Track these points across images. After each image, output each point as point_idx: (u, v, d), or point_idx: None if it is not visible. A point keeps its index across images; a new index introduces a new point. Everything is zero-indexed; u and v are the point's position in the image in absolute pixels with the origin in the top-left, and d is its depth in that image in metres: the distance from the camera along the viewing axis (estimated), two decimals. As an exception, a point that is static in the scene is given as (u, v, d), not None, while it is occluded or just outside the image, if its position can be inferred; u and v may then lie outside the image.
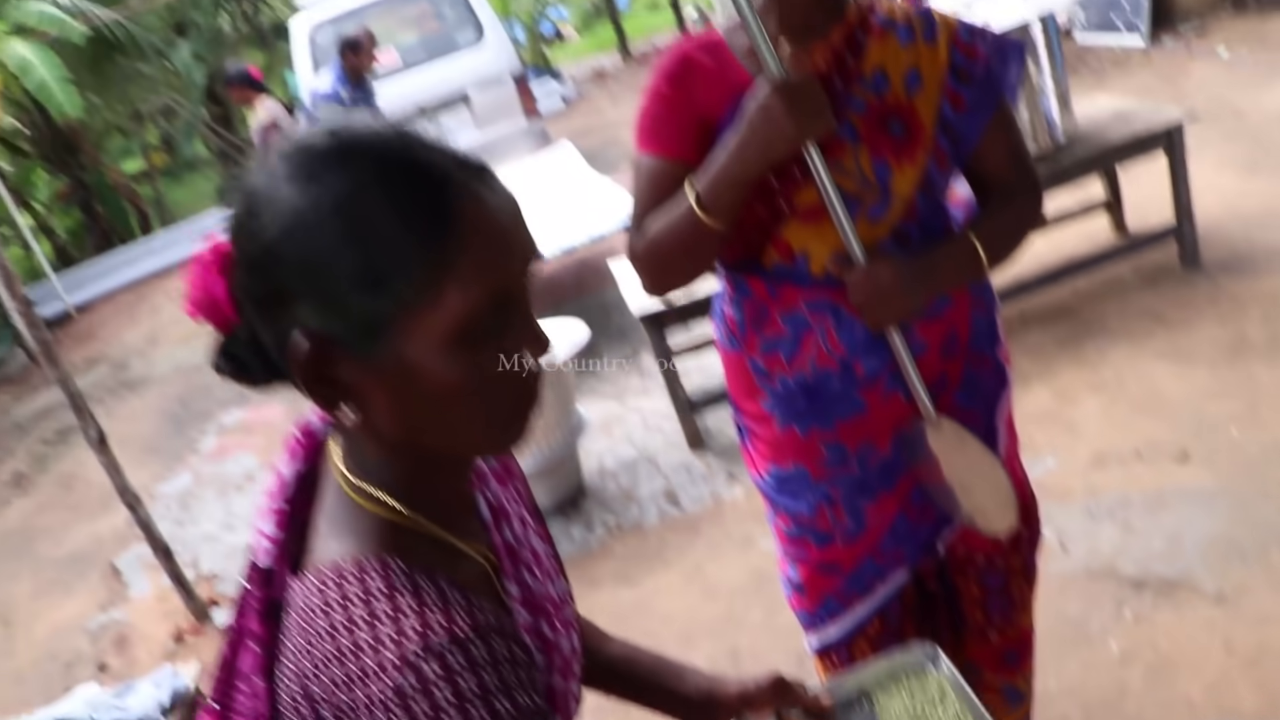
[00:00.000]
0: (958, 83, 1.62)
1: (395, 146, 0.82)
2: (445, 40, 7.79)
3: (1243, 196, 4.64)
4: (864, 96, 1.59)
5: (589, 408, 4.48)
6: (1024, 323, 4.14)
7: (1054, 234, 4.55)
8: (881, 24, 1.62)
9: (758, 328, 1.70)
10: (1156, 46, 6.98)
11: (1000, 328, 1.81)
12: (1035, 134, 3.86)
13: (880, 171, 1.59)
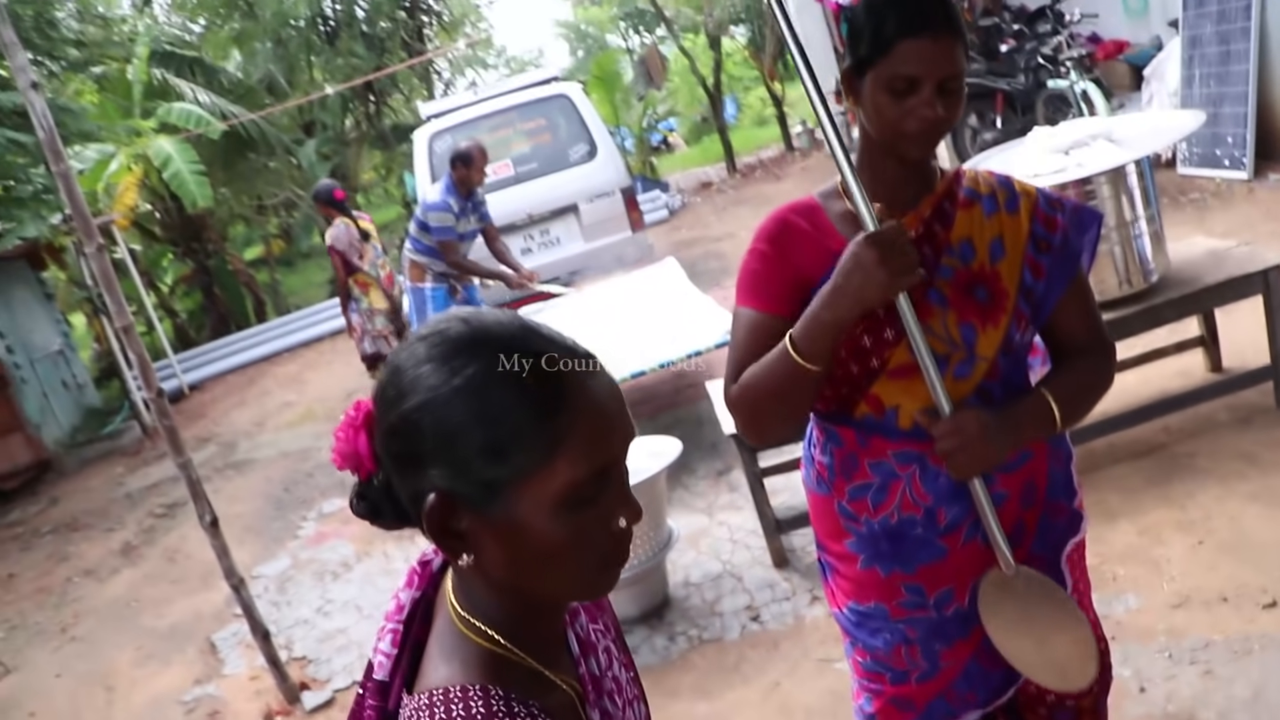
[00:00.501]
0: (1038, 252, 1.75)
1: (518, 338, 0.99)
2: (559, 155, 8.09)
3: (1342, 339, 4.61)
4: (951, 264, 1.73)
5: (678, 520, 4.58)
6: (1114, 458, 4.13)
7: (1147, 370, 4.57)
8: (967, 195, 1.77)
9: (847, 474, 1.81)
10: (1260, 180, 6.97)
11: (1075, 478, 1.91)
12: (1129, 272, 3.92)
13: (966, 334, 1.72)
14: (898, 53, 1.62)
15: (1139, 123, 4.29)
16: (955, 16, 1.65)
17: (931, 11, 1.63)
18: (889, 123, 1.66)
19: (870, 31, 1.65)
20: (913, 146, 1.68)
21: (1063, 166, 3.79)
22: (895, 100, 1.64)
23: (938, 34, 1.61)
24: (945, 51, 1.62)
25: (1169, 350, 4.58)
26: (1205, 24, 7.38)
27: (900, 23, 1.61)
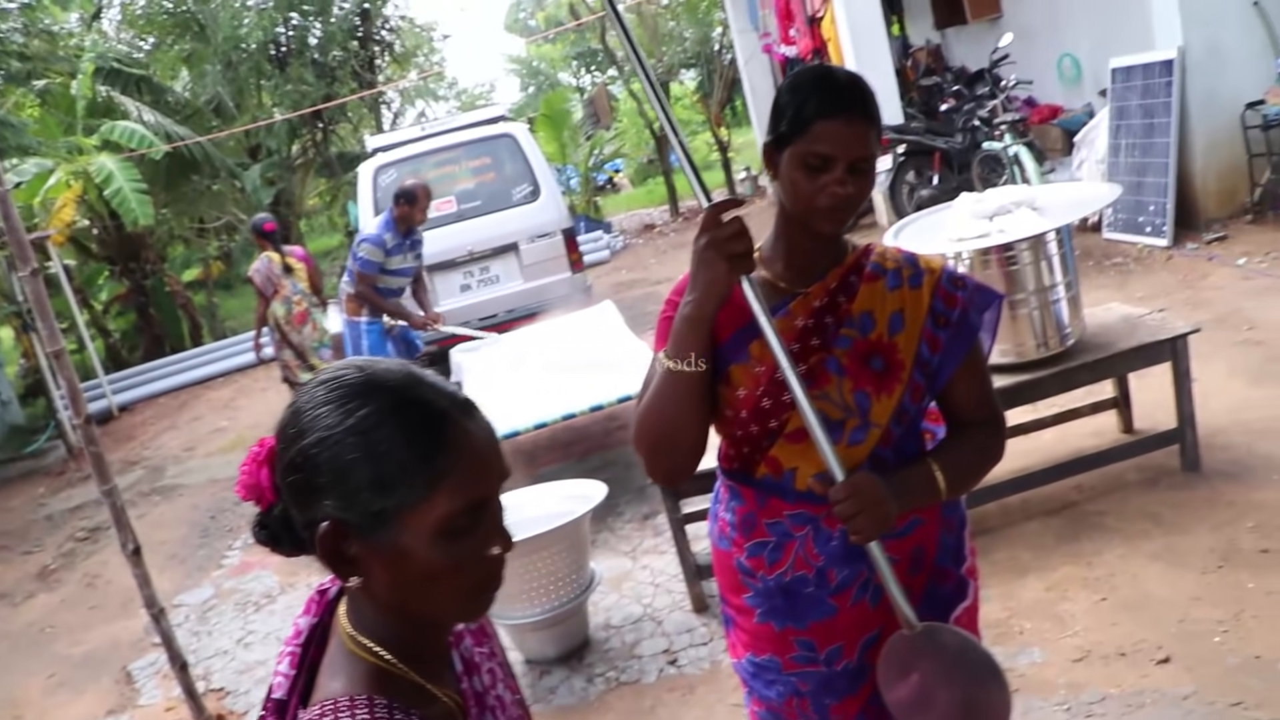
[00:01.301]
0: (936, 326, 1.84)
1: (407, 385, 1.12)
2: (502, 193, 8.19)
3: (1248, 405, 4.79)
4: (851, 335, 1.82)
5: (602, 562, 4.64)
6: (1028, 514, 4.26)
7: (1064, 429, 4.71)
8: (873, 269, 1.86)
9: (746, 532, 1.90)
10: (1179, 248, 7.22)
11: (967, 545, 1.99)
12: (1046, 336, 4.06)
13: (861, 401, 1.80)
14: (814, 132, 1.71)
15: (1061, 192, 4.47)
16: (870, 104, 1.76)
17: (848, 97, 1.73)
18: (802, 197, 1.75)
19: (791, 111, 1.75)
20: (824, 221, 1.77)
21: (987, 232, 3.93)
22: (809, 177, 1.73)
23: (852, 118, 1.72)
24: (858, 134, 1.72)
25: (1085, 410, 4.73)
26: (1131, 96, 7.66)
27: (819, 104, 1.72)
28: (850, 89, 1.74)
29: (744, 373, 1.83)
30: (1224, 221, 7.37)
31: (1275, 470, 4.19)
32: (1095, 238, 7.95)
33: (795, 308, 1.83)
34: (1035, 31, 10.54)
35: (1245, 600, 3.45)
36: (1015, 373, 4.05)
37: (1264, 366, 5.17)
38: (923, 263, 1.90)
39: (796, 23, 12.39)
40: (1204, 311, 6.03)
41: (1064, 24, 10.26)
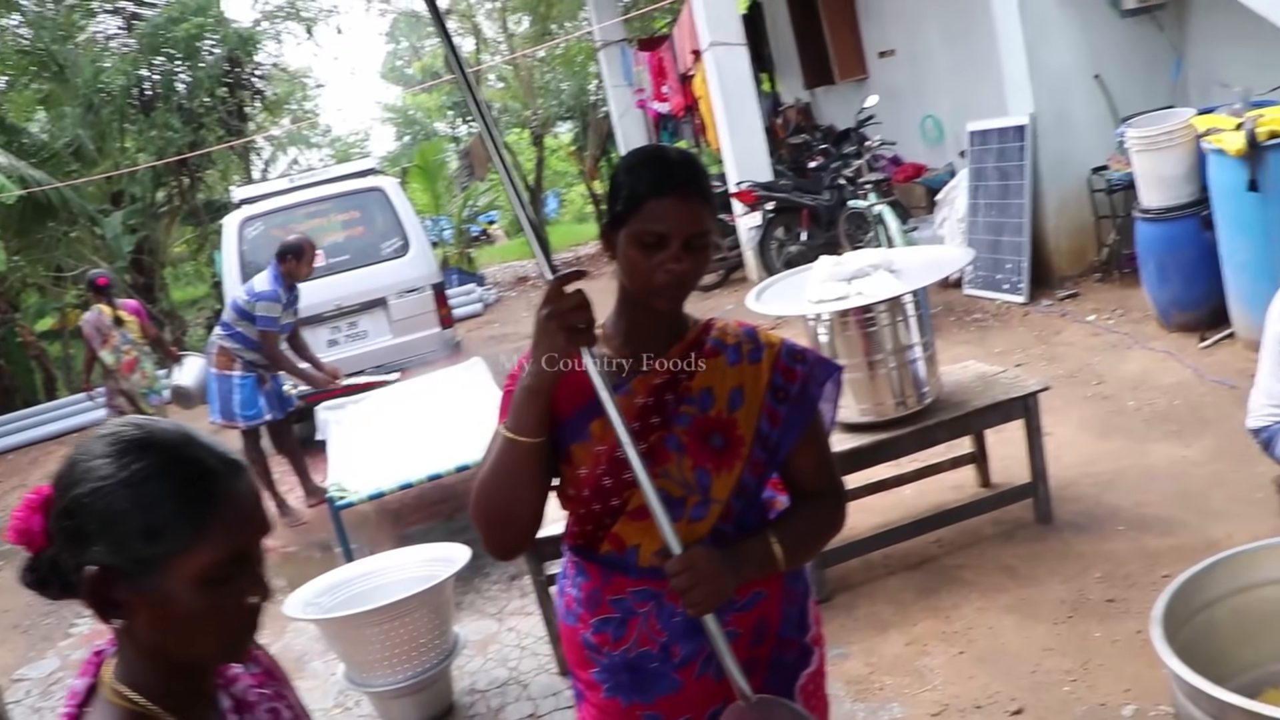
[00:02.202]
0: (776, 400, 1.87)
1: (179, 444, 1.20)
2: (371, 247, 8.12)
3: (1097, 458, 4.99)
4: (690, 412, 1.83)
5: (468, 625, 4.59)
6: (889, 570, 4.34)
7: (925, 484, 4.83)
8: (713, 345, 1.89)
9: (591, 608, 1.90)
10: (1034, 305, 7.51)
11: (811, 614, 2.02)
12: (904, 394, 4.17)
13: (701, 478, 1.82)
14: (647, 211, 1.74)
15: (917, 255, 4.61)
16: (702, 181, 1.79)
17: (680, 175, 1.76)
18: (640, 275, 1.77)
19: (625, 191, 1.77)
20: (662, 299, 1.79)
21: (845, 294, 4.03)
22: (645, 255, 1.75)
23: (684, 195, 1.75)
24: (691, 211, 1.75)
25: (945, 466, 4.86)
26: (988, 158, 7.97)
27: (651, 183, 1.74)
28: (682, 167, 1.78)
29: (585, 452, 1.83)
30: (1075, 279, 7.71)
31: (1120, 521, 4.36)
32: (957, 294, 8.22)
33: (636, 385, 1.84)
34: (900, 93, 10.90)
35: (1092, 649, 3.57)
36: (875, 431, 4.15)
37: (1110, 420, 5.39)
38: (763, 337, 1.93)
39: (669, 80, 12.62)
40: (1057, 366, 6.28)
41: (926, 87, 10.64)
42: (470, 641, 4.47)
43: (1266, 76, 6.47)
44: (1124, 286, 7.29)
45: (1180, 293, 6.31)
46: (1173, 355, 6.04)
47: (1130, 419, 5.36)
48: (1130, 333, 6.56)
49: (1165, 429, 5.16)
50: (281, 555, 6.27)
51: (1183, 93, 7.70)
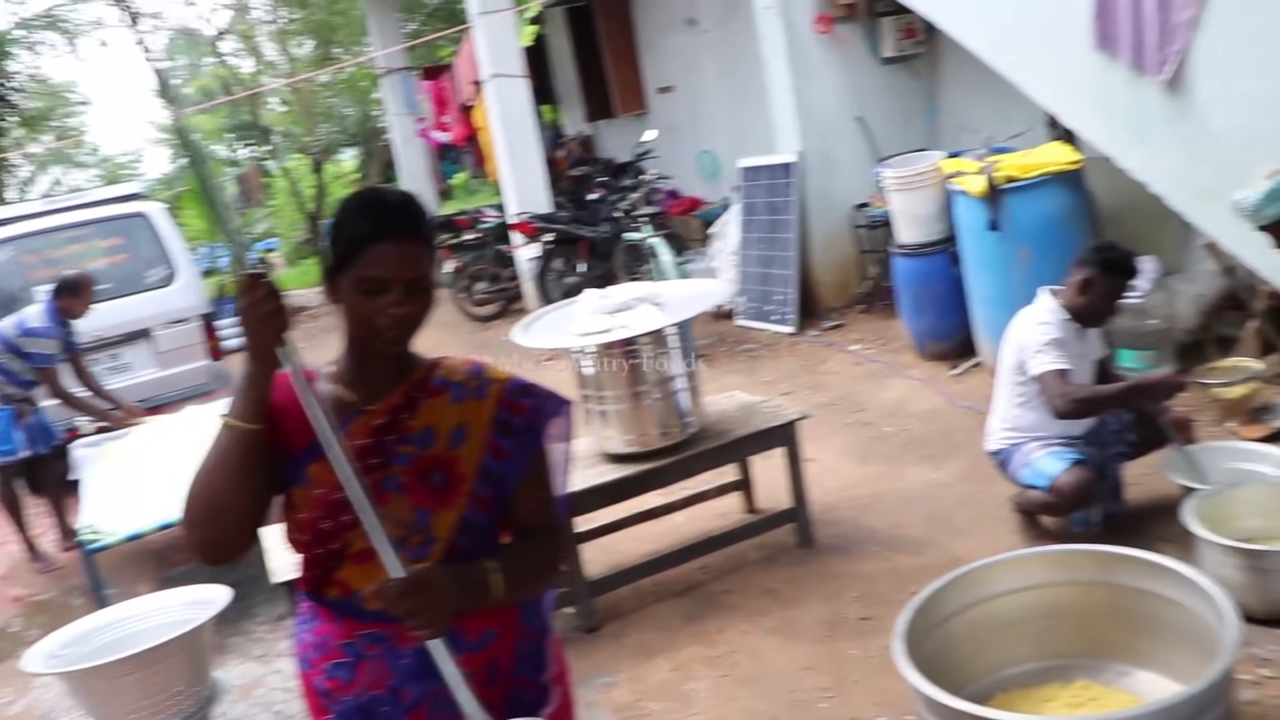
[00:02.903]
0: (500, 435, 1.89)
1: None
2: (134, 276, 7.71)
3: (856, 482, 5.23)
4: (409, 451, 1.84)
5: (232, 670, 4.43)
6: (658, 597, 4.43)
7: (694, 511, 4.96)
8: (438, 384, 1.91)
9: (323, 653, 1.88)
10: (802, 335, 7.83)
11: (551, 653, 2.04)
12: (668, 425, 4.28)
13: (421, 517, 1.83)
14: (367, 256, 1.74)
15: (680, 288, 4.75)
16: (422, 223, 1.81)
17: (399, 219, 1.77)
18: (363, 320, 1.78)
19: (345, 236, 1.78)
20: (385, 342, 1.80)
21: (609, 327, 4.11)
22: (367, 300, 1.75)
23: (404, 240, 1.76)
24: (411, 255, 1.76)
25: (712, 493, 4.99)
26: (758, 194, 8.29)
27: (370, 229, 1.75)
28: (400, 210, 1.79)
29: (304, 496, 1.82)
30: (841, 311, 8.09)
31: (876, 543, 4.59)
32: (729, 325, 8.49)
33: (355, 427, 1.83)
34: (679, 128, 11.20)
35: (848, 667, 3.74)
36: (640, 461, 4.24)
37: (870, 446, 5.67)
38: (489, 373, 1.95)
39: (450, 109, 12.58)
40: (822, 394, 6.55)
41: (703, 123, 10.98)
42: (234, 686, 4.32)
43: (1007, 125, 6.97)
44: (885, 318, 7.69)
45: (934, 324, 6.70)
46: (927, 383, 6.41)
47: (888, 444, 5.66)
48: (890, 362, 6.92)
49: (920, 453, 5.46)
50: (34, 604, 5.90)
51: (936, 137, 8.21)
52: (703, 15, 10.36)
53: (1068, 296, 4.17)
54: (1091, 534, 4.11)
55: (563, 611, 4.27)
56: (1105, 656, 3.33)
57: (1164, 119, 5.03)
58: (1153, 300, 5.68)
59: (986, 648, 3.35)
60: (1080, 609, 3.28)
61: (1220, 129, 4.78)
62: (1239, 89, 4.67)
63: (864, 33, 7.97)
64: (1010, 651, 3.35)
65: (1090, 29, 5.19)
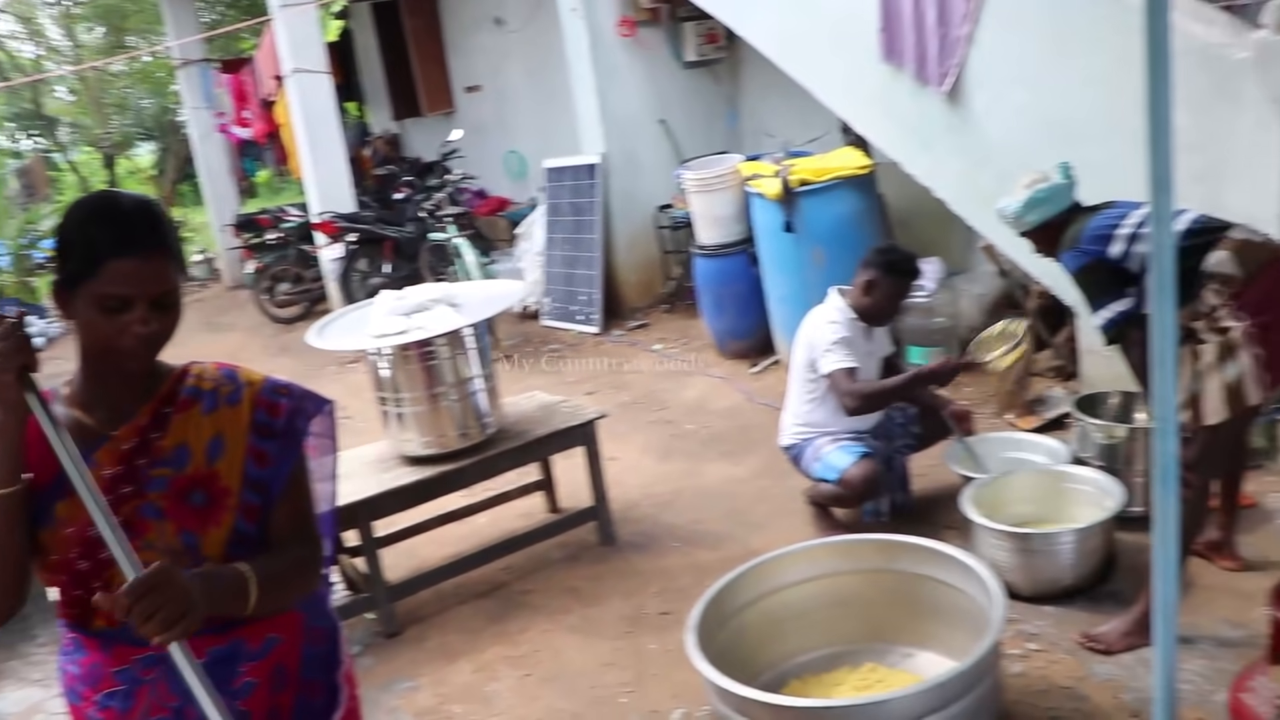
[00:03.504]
0: (261, 438, 1.79)
1: None
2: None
3: (657, 480, 5.32)
4: (164, 474, 1.72)
5: (9, 695, 4.21)
6: (460, 599, 4.40)
7: (498, 511, 4.94)
8: (188, 395, 1.79)
9: (94, 683, 1.76)
10: (607, 335, 7.91)
11: (342, 650, 1.98)
12: (467, 426, 4.25)
13: (188, 540, 1.72)
14: (108, 273, 1.60)
15: (477, 289, 4.73)
16: (165, 233, 1.67)
17: (141, 232, 1.64)
18: (104, 339, 1.65)
19: (79, 249, 1.63)
20: (129, 360, 1.68)
21: (405, 329, 4.06)
22: (107, 317, 1.62)
23: (147, 254, 1.63)
24: (156, 271, 1.64)
25: (514, 494, 4.99)
26: (563, 194, 8.32)
27: (109, 243, 1.61)
28: (142, 222, 1.65)
29: (54, 538, 1.69)
30: (645, 310, 8.20)
31: (675, 539, 4.67)
32: (536, 325, 8.49)
33: (102, 456, 1.70)
34: (487, 127, 11.12)
35: (647, 661, 3.80)
36: (439, 463, 4.20)
37: (671, 443, 5.77)
38: (243, 376, 1.86)
39: (251, 105, 12.17)
40: (626, 393, 6.63)
41: (510, 123, 10.94)
42: (10, 714, 4.08)
43: (805, 129, 7.20)
44: (687, 317, 7.83)
45: (734, 323, 6.87)
46: (727, 381, 6.56)
47: (689, 442, 5.76)
48: (691, 361, 7.06)
49: (719, 450, 5.58)
50: None
51: (737, 140, 8.42)
52: (510, 15, 10.33)
53: (854, 297, 4.33)
54: (881, 523, 4.29)
55: (364, 617, 4.21)
56: (891, 640, 3.50)
57: (946, 128, 5.30)
58: (938, 299, 5.96)
59: (779, 637, 3.47)
60: (867, 596, 3.43)
61: (996, 139, 5.08)
62: (1012, 101, 4.97)
63: (667, 37, 8.10)
64: (802, 639, 3.48)
65: (877, 41, 5.43)
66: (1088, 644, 3.46)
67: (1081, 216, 3.57)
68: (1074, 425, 4.45)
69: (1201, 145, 4.27)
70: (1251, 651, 2.46)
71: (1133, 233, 3.37)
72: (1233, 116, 4.19)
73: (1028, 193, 3.63)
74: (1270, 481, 4.35)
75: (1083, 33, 4.56)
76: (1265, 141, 4.13)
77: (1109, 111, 4.47)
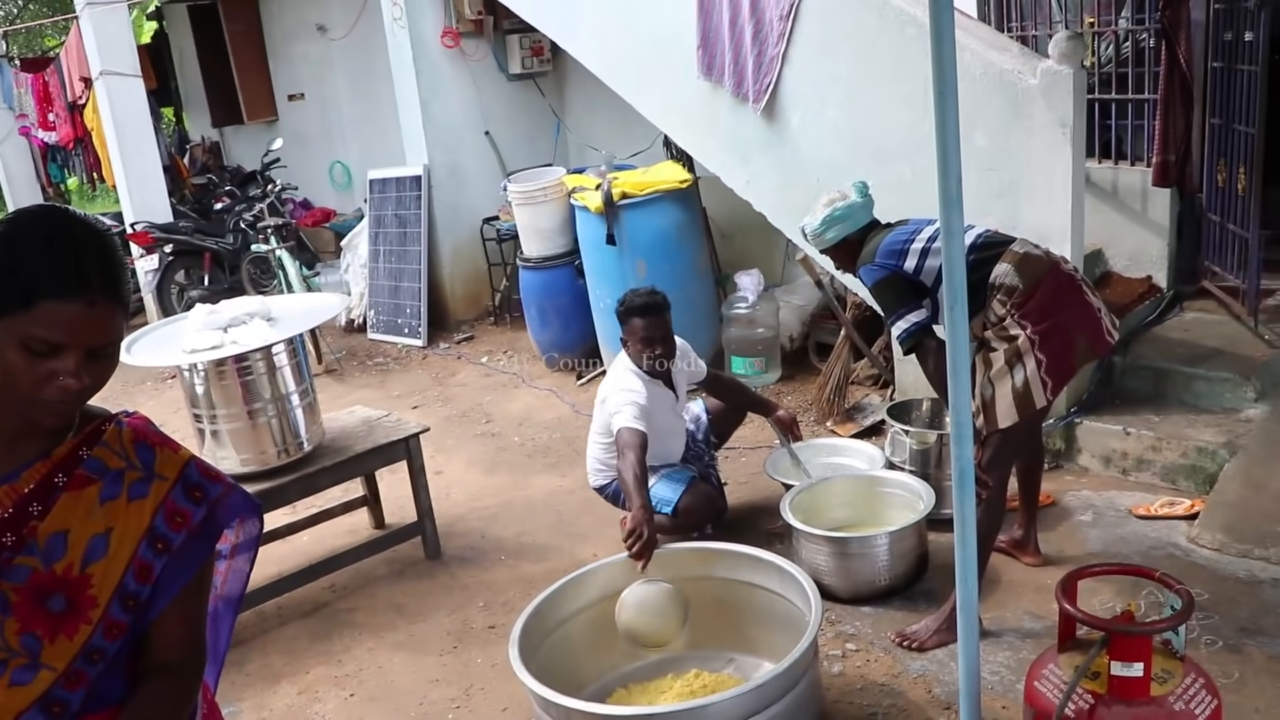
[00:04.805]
0: (152, 553, 1.55)
1: None
2: None
3: (483, 493, 5.30)
4: (30, 564, 1.48)
5: None
6: (282, 620, 4.30)
7: (322, 529, 4.85)
8: (90, 470, 1.54)
9: None
10: (433, 348, 7.84)
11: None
12: (285, 442, 4.16)
13: (28, 643, 1.49)
14: (42, 313, 1.38)
15: (295, 303, 4.64)
16: (119, 276, 1.46)
17: (90, 274, 1.41)
18: (21, 386, 1.42)
19: (11, 278, 1.39)
20: (47, 415, 1.46)
21: (220, 343, 3.95)
22: (31, 360, 1.40)
23: (93, 301, 1.41)
24: (100, 320, 1.42)
25: (338, 510, 4.90)
26: (387, 206, 8.21)
27: (50, 281, 1.38)
28: (94, 261, 1.42)
29: None
30: (471, 323, 8.16)
31: (503, 551, 4.67)
32: (362, 338, 8.35)
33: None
34: (310, 137, 10.90)
35: (475, 675, 3.79)
36: (258, 480, 4.08)
37: (497, 456, 5.75)
38: (159, 463, 1.59)
39: (56, 107, 11.61)
40: (452, 407, 6.58)
41: (335, 133, 10.75)
42: None
43: (629, 143, 7.30)
44: (515, 330, 7.83)
45: (559, 335, 6.89)
46: (554, 393, 6.58)
47: (515, 454, 5.76)
48: (518, 373, 7.06)
49: (545, 462, 5.60)
50: None
51: (563, 153, 8.47)
52: (333, 23, 10.14)
53: (629, 353, 4.29)
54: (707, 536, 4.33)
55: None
56: (716, 646, 3.58)
57: (762, 144, 5.46)
58: (759, 310, 6.12)
59: (604, 647, 3.51)
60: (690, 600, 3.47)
61: (810, 155, 5.26)
62: (825, 120, 5.16)
63: (492, 48, 8.08)
64: (627, 650, 3.52)
65: (695, 57, 5.56)
66: (901, 642, 3.60)
67: (878, 233, 3.74)
68: (888, 431, 4.63)
69: (1000, 165, 4.53)
70: (1052, 642, 2.61)
71: (925, 247, 3.55)
72: (1027, 138, 4.44)
73: (826, 210, 3.77)
74: (1068, 481, 4.61)
75: (891, 56, 4.77)
76: (1053, 163, 4.40)
77: (915, 131, 4.69)
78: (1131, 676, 2.32)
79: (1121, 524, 4.22)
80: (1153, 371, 4.85)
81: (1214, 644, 3.36)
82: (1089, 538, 4.14)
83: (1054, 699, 2.40)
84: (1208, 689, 2.39)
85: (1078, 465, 4.72)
